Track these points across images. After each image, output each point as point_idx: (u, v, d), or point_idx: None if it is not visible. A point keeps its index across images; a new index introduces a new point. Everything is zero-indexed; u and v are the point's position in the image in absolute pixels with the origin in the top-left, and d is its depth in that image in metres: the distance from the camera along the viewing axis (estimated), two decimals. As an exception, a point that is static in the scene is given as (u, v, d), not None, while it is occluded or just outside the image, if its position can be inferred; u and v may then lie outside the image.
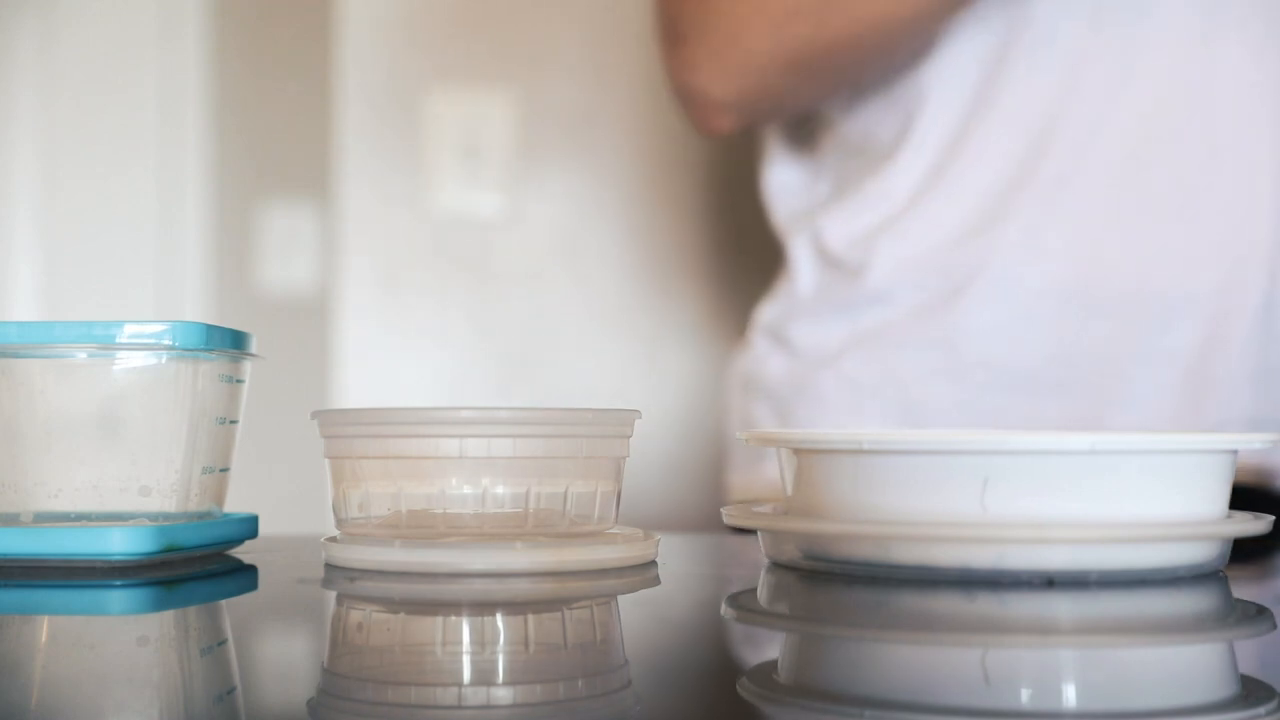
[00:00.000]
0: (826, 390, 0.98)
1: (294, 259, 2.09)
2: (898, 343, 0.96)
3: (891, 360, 0.97)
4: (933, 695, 0.41)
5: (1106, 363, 0.93)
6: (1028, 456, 0.55)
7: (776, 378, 1.02)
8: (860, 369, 0.97)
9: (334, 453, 0.61)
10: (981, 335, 0.94)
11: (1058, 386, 0.94)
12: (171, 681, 0.43)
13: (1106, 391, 0.93)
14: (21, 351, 0.60)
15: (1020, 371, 0.94)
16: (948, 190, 0.95)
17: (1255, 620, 0.52)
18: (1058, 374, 0.94)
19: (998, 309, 0.94)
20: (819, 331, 1.00)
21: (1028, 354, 0.94)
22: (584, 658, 0.47)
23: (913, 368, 0.96)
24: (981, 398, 0.94)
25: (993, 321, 0.94)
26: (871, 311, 0.97)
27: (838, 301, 0.99)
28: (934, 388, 0.95)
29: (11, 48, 2.14)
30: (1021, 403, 0.94)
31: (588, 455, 0.60)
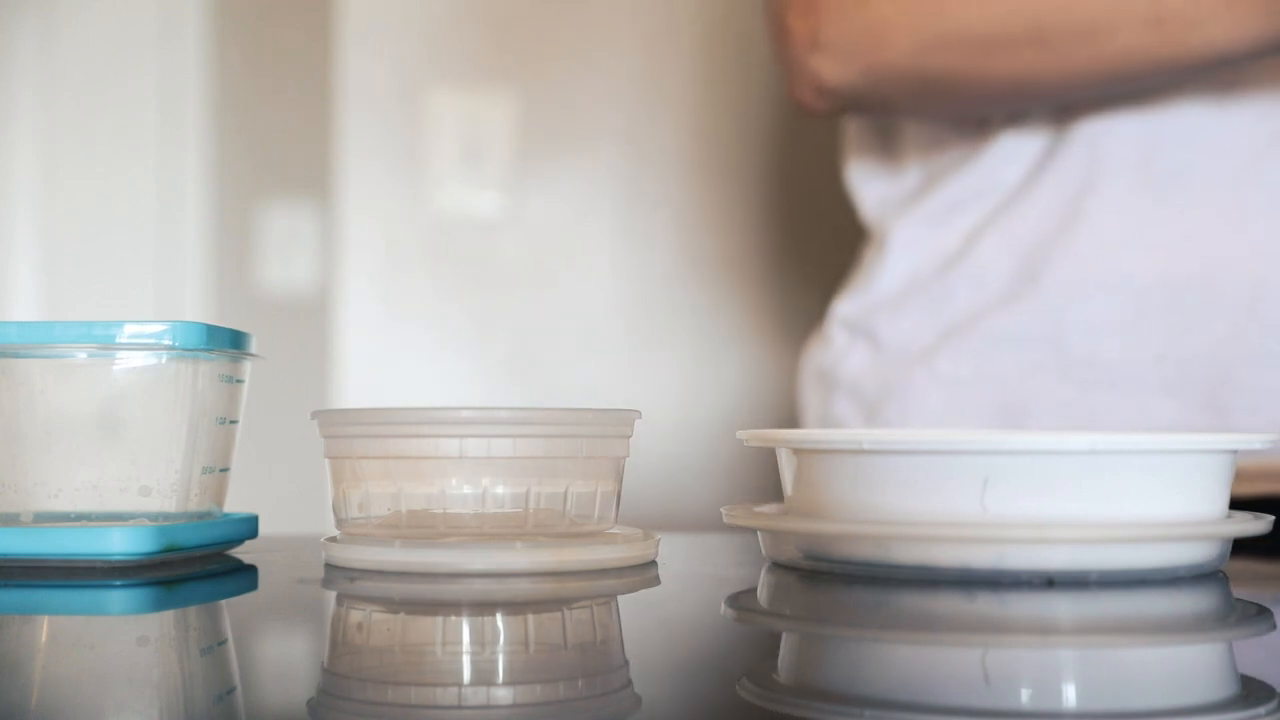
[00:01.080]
0: (920, 388, 0.95)
1: (294, 259, 2.09)
2: (997, 338, 0.93)
3: (991, 357, 0.94)
4: (933, 695, 0.41)
5: (1220, 364, 0.90)
6: (1028, 456, 0.55)
7: (861, 374, 0.99)
8: (956, 366, 0.94)
9: (334, 453, 0.61)
10: (1088, 331, 0.91)
11: (1168, 387, 0.91)
12: (171, 681, 0.43)
13: (1219, 394, 0.90)
14: (21, 351, 0.60)
15: (1129, 370, 0.91)
16: (1055, 181, 0.92)
17: (1255, 620, 0.52)
18: (1168, 374, 0.90)
19: (1106, 305, 0.91)
20: (910, 326, 0.97)
21: (1137, 352, 0.91)
22: (584, 658, 0.47)
23: (1014, 365, 0.93)
24: (1087, 397, 0.92)
25: (1101, 317, 0.91)
26: (970, 306, 0.94)
27: (933, 295, 0.96)
28: (1036, 386, 0.92)
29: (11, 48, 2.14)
30: (1129, 403, 0.91)
31: (588, 455, 0.60)
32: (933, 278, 0.97)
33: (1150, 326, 0.91)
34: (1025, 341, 0.93)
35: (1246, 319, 0.90)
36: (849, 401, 0.99)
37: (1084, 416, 0.91)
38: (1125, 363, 0.91)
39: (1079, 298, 0.91)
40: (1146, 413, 0.91)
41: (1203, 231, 0.90)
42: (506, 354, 1.44)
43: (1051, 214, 0.92)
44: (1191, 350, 0.90)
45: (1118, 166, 0.91)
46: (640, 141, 1.44)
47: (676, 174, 1.44)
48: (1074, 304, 0.91)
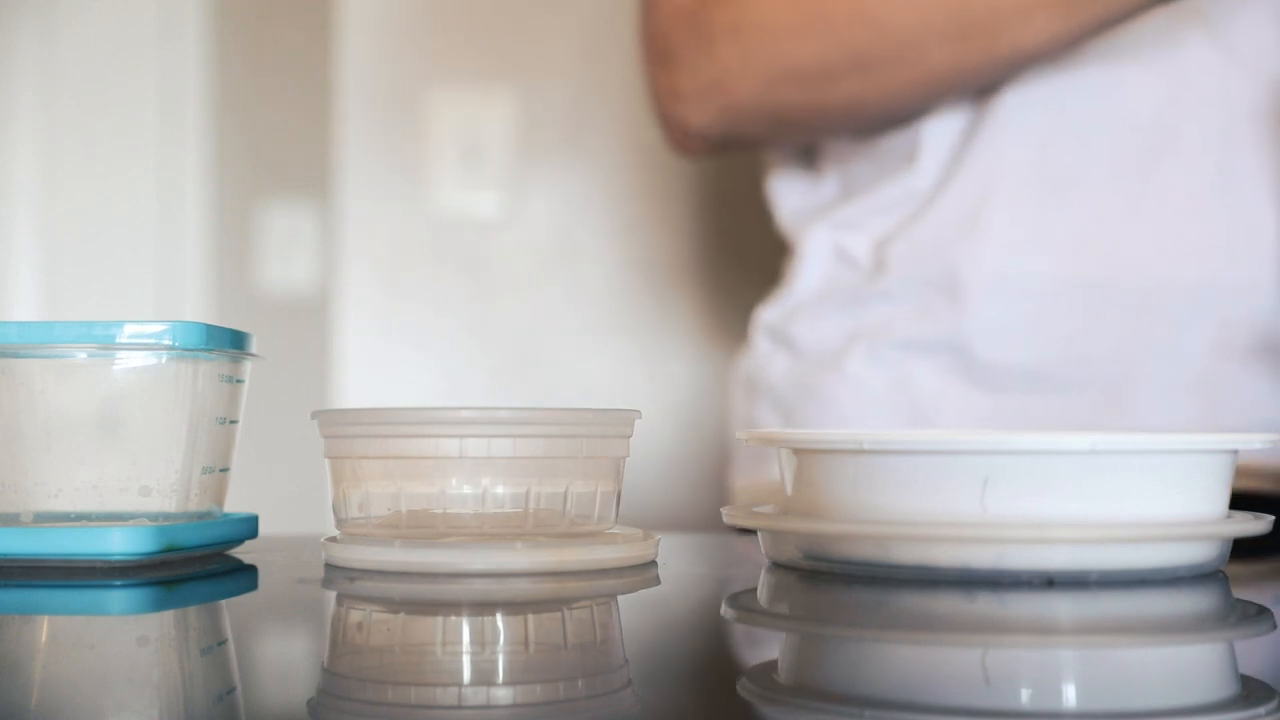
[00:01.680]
0: (833, 392, 0.97)
1: (294, 259, 2.09)
2: (906, 342, 0.96)
3: (900, 361, 0.96)
4: (933, 695, 0.41)
5: (1120, 362, 0.92)
6: (1028, 456, 0.55)
7: (780, 379, 1.01)
8: (867, 370, 0.96)
9: (334, 453, 0.61)
10: (993, 334, 0.93)
11: (1071, 387, 0.93)
12: (171, 681, 0.43)
13: (1120, 392, 0.92)
14: (21, 351, 0.60)
15: (1033, 372, 0.93)
16: (957, 189, 0.94)
17: (1255, 620, 0.52)
18: (1071, 374, 0.92)
19: (1009, 308, 0.93)
20: (823, 331, 0.99)
21: (1040, 354, 0.93)
22: (584, 658, 0.47)
23: (922, 368, 0.95)
24: (993, 399, 0.93)
25: (1004, 321, 0.93)
26: (879, 311, 0.97)
27: (843, 300, 0.98)
28: (944, 389, 0.94)
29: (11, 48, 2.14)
30: (1035, 404, 0.93)
31: (588, 455, 0.60)
32: (845, 284, 0.99)
33: (1053, 328, 0.93)
34: (932, 345, 0.95)
35: (1147, 317, 0.91)
36: (769, 407, 1.02)
37: (991, 419, 0.93)
38: (1030, 364, 0.93)
39: (982, 301, 0.93)
40: (1052, 414, 0.92)
41: (1101, 232, 0.92)
42: (506, 354, 1.44)
43: (953, 221, 0.94)
44: (1094, 350, 0.92)
45: (1015, 173, 0.93)
46: (640, 142, 1.44)
47: (675, 175, 1.44)
48: (978, 308, 0.93)
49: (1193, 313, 0.91)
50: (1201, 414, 0.91)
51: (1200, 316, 0.91)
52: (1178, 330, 0.91)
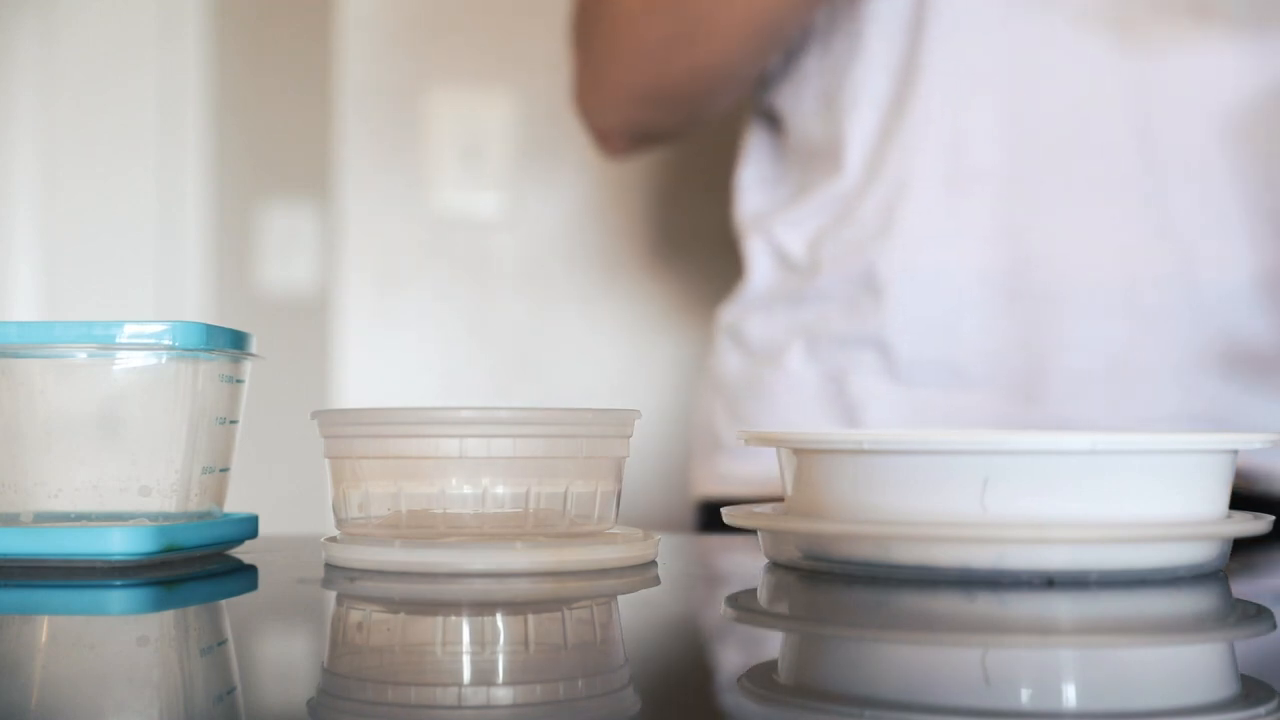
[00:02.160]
0: (773, 388, 1.00)
1: (294, 259, 2.09)
2: (835, 339, 0.98)
3: (832, 359, 0.98)
4: (933, 695, 0.41)
5: (1031, 356, 0.93)
6: (1028, 456, 0.55)
7: (731, 375, 1.04)
8: (804, 367, 0.99)
9: (334, 453, 0.61)
10: (910, 332, 0.95)
11: (987, 381, 0.94)
12: (171, 681, 0.43)
13: (1036, 385, 0.93)
14: (21, 351, 0.60)
15: (951, 367, 0.95)
16: (877, 189, 0.96)
17: (1255, 620, 0.52)
18: (986, 368, 0.94)
19: (924, 304, 0.95)
20: (769, 329, 1.01)
21: (957, 349, 0.94)
22: (584, 658, 0.47)
23: (850, 364, 0.97)
24: (917, 395, 0.95)
25: (920, 318, 0.95)
26: (815, 309, 0.99)
27: (786, 299, 1.01)
28: (870, 385, 0.96)
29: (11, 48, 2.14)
30: (955, 399, 0.94)
31: (588, 455, 0.60)
32: (788, 283, 1.01)
33: (966, 323, 0.94)
34: (861, 343, 0.97)
35: (1056, 308, 0.93)
36: (722, 403, 1.04)
37: (914, 415, 0.95)
38: (945, 360, 0.95)
39: (899, 299, 0.95)
40: (970, 409, 0.94)
41: (1010, 227, 0.94)
42: (506, 354, 1.44)
43: (873, 220, 0.96)
44: (1005, 343, 0.94)
45: (928, 172, 0.95)
46: (640, 141, 1.44)
47: (675, 174, 1.44)
48: (896, 306, 0.95)
49: (1104, 305, 0.92)
50: (1113, 406, 0.92)
51: (1112, 309, 0.92)
52: (1089, 323, 0.92)
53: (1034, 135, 0.93)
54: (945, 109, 0.94)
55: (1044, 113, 0.93)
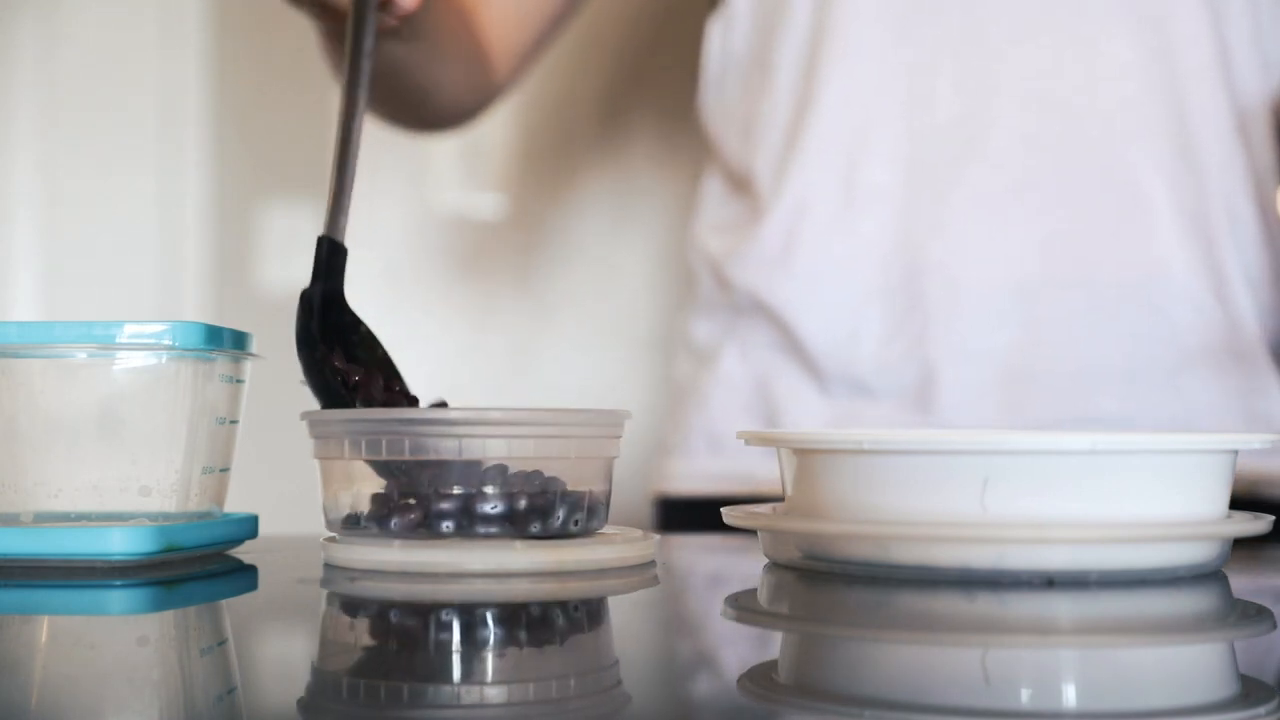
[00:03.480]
0: (707, 389, 1.02)
1: (294, 259, 2.09)
2: (758, 344, 1.00)
3: (757, 360, 1.00)
4: (933, 695, 0.41)
5: (925, 365, 0.95)
6: (1028, 456, 0.55)
7: (679, 376, 1.07)
8: (734, 370, 1.01)
9: (324, 454, 0.61)
10: (815, 342, 0.97)
11: (884, 390, 0.96)
12: (171, 681, 0.43)
13: (928, 394, 0.95)
14: (21, 351, 0.60)
15: (856, 378, 0.97)
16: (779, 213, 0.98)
17: (1255, 620, 0.52)
18: (886, 377, 0.96)
19: (825, 316, 0.97)
20: (709, 330, 1.04)
21: (859, 358, 0.96)
22: (583, 657, 0.47)
23: (770, 369, 0.99)
24: (834, 404, 0.97)
25: (822, 328, 0.97)
26: (742, 319, 1.01)
27: (722, 304, 1.03)
28: (787, 389, 0.98)
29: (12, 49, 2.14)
30: (865, 408, 0.96)
31: (579, 455, 0.60)
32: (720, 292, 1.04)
33: (864, 333, 0.97)
34: (777, 350, 0.99)
35: (946, 319, 0.94)
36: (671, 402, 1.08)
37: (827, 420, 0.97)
38: (848, 372, 0.97)
39: (804, 310, 0.98)
40: (872, 417, 0.96)
41: (908, 240, 0.95)
42: (505, 354, 1.44)
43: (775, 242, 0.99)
44: (899, 353, 0.96)
45: (825, 189, 0.97)
46: (639, 141, 1.44)
47: (675, 174, 1.44)
48: (801, 316, 0.98)
49: (992, 312, 0.94)
50: (1005, 413, 0.94)
51: (1000, 316, 0.94)
52: (978, 331, 0.94)
53: (926, 151, 0.95)
54: (841, 131, 0.97)
55: (937, 128, 0.95)
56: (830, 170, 0.97)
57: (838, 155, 0.97)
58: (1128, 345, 0.93)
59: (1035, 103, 0.94)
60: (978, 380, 0.94)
